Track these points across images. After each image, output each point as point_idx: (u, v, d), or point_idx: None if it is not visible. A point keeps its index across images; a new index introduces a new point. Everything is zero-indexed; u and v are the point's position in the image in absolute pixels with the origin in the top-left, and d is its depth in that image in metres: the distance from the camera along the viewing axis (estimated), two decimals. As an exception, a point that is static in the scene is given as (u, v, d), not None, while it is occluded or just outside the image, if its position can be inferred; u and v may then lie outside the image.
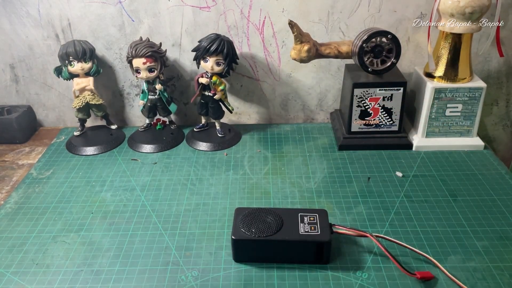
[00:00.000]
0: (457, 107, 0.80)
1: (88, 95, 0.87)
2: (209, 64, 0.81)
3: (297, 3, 0.84)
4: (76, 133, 0.90)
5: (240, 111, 0.96)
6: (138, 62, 0.82)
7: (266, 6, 0.84)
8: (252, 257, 0.58)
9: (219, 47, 0.79)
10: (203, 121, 0.90)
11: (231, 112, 0.88)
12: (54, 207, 0.70)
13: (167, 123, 0.93)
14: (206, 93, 0.85)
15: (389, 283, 0.54)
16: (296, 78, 0.92)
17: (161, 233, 0.64)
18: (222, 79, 0.85)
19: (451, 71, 0.79)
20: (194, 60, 0.84)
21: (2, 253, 0.61)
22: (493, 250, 0.59)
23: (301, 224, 0.57)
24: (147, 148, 0.85)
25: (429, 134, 0.83)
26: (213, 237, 0.63)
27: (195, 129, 0.90)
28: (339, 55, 0.80)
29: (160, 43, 0.84)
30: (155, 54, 0.82)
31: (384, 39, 0.76)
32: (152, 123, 0.92)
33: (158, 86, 0.85)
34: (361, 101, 0.81)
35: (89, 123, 0.93)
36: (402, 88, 0.79)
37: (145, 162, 0.82)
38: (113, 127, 0.92)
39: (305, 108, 0.96)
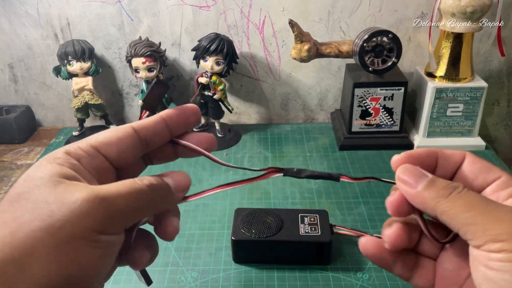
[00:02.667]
0: (458, 107, 0.80)
1: (87, 95, 0.86)
2: (209, 64, 0.81)
3: (297, 2, 0.84)
4: (75, 133, 0.90)
5: (240, 111, 0.96)
6: (137, 62, 0.81)
7: (266, 6, 0.84)
8: (252, 258, 0.57)
9: (219, 47, 0.79)
10: (203, 121, 0.90)
11: (231, 112, 0.88)
12: (52, 207, 0.70)
13: (167, 123, 0.92)
14: (206, 92, 0.84)
15: (390, 284, 0.53)
16: (296, 78, 0.92)
17: (161, 233, 0.63)
18: (222, 78, 0.84)
19: (452, 71, 0.79)
20: (193, 59, 0.83)
21: (0, 254, 0.61)
22: (495, 251, 0.58)
23: (302, 225, 0.56)
24: (147, 148, 0.85)
25: (430, 134, 0.82)
26: (212, 238, 0.62)
27: (195, 129, 0.90)
28: (339, 55, 0.79)
29: (160, 43, 0.84)
30: (155, 53, 0.82)
31: (385, 39, 0.76)
32: (151, 123, 0.91)
33: (158, 86, 0.84)
34: (362, 101, 0.80)
35: (88, 123, 0.92)
36: (403, 88, 0.79)
37: (144, 162, 0.81)
38: (112, 127, 0.92)
39: (305, 108, 0.95)
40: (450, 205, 0.26)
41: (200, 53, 0.80)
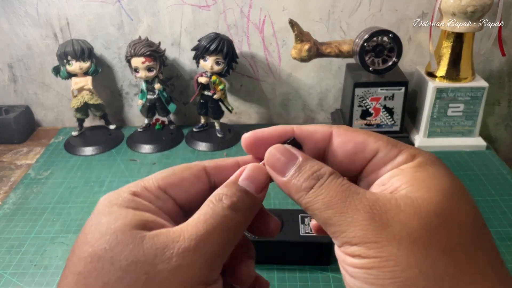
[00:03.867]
0: (459, 107, 0.80)
1: (87, 94, 0.86)
2: (209, 64, 0.80)
3: (297, 2, 0.83)
4: (74, 133, 0.89)
5: (240, 111, 0.96)
6: (137, 62, 0.81)
7: (266, 5, 0.84)
8: (252, 258, 0.57)
9: (219, 46, 0.79)
10: (203, 121, 0.90)
11: (230, 112, 0.88)
12: (52, 207, 0.70)
13: (166, 123, 0.92)
14: (206, 92, 0.84)
15: (391, 285, 0.53)
16: (296, 78, 0.91)
17: (160, 234, 0.63)
18: (222, 78, 0.84)
19: (453, 71, 0.78)
20: (193, 59, 0.83)
21: (0, 254, 0.61)
22: (496, 252, 0.58)
23: (302, 225, 0.56)
24: (146, 148, 0.85)
25: (430, 134, 0.82)
26: (212, 238, 0.62)
27: (194, 129, 0.89)
28: (340, 54, 0.79)
29: (159, 42, 0.84)
30: (154, 53, 0.81)
31: (385, 38, 0.76)
32: (151, 123, 0.91)
33: (157, 86, 0.84)
34: (362, 100, 0.80)
35: (87, 123, 0.92)
36: (403, 88, 0.79)
37: (144, 162, 0.81)
38: (112, 127, 0.92)
39: (305, 108, 0.95)
40: (310, 201, 0.22)
41: (200, 52, 0.80)
